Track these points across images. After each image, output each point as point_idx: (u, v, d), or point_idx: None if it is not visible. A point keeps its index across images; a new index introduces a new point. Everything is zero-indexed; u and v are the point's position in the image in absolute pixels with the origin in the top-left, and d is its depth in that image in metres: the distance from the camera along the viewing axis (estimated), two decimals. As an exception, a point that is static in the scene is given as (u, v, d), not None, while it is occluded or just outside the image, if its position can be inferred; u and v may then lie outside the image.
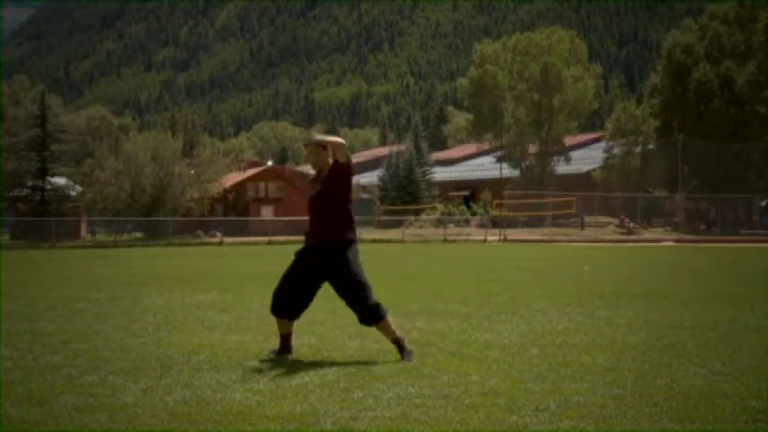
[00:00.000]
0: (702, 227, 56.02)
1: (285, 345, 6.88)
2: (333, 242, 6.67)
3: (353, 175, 6.84)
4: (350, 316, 9.20)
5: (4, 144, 54.53)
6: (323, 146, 6.81)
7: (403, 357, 6.59)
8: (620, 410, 4.88)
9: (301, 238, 6.98)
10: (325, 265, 6.69)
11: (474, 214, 61.29)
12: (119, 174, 48.03)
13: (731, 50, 56.08)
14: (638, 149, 63.13)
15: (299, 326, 7.38)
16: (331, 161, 6.77)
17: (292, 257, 6.89)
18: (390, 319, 6.75)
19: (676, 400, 5.18)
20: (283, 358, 6.70)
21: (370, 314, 6.64)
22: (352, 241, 6.75)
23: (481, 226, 54.75)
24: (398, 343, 6.69)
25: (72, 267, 21.66)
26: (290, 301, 6.77)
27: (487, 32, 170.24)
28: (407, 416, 4.76)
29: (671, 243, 43.32)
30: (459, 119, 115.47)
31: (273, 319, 9.06)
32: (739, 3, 58.07)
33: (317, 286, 6.85)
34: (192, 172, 50.58)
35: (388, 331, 6.72)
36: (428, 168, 75.38)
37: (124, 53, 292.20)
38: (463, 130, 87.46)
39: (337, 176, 6.69)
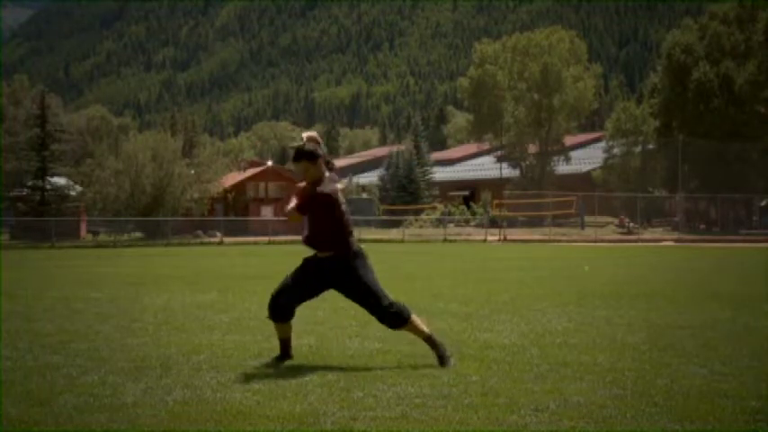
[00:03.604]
0: (702, 227, 56.01)
1: (285, 350, 6.64)
2: (333, 257, 6.42)
3: (340, 202, 6.40)
4: (350, 316, 9.23)
5: (4, 144, 54.50)
6: (309, 159, 6.38)
7: (441, 362, 6.30)
8: (620, 410, 4.88)
9: (300, 238, 6.87)
10: (329, 276, 6.47)
11: (474, 214, 61.27)
12: (119, 174, 48.00)
13: (731, 50, 56.10)
14: (638, 149, 63.17)
15: (299, 326, 7.37)
16: (325, 171, 6.43)
17: (294, 258, 6.84)
18: (417, 318, 6.53)
19: (676, 400, 5.18)
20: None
21: (394, 319, 6.41)
22: (354, 253, 6.44)
23: (480, 225, 54.76)
24: (431, 341, 6.46)
25: (72, 267, 21.64)
26: (287, 306, 6.54)
27: (487, 32, 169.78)
28: (407, 416, 4.76)
29: (671, 243, 43.31)
30: (459, 119, 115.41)
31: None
32: (739, 3, 58.09)
33: (319, 293, 6.66)
34: (192, 172, 50.55)
35: (417, 331, 6.50)
36: (428, 168, 75.45)
37: (124, 53, 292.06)
38: (463, 130, 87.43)
39: (321, 204, 6.36)
